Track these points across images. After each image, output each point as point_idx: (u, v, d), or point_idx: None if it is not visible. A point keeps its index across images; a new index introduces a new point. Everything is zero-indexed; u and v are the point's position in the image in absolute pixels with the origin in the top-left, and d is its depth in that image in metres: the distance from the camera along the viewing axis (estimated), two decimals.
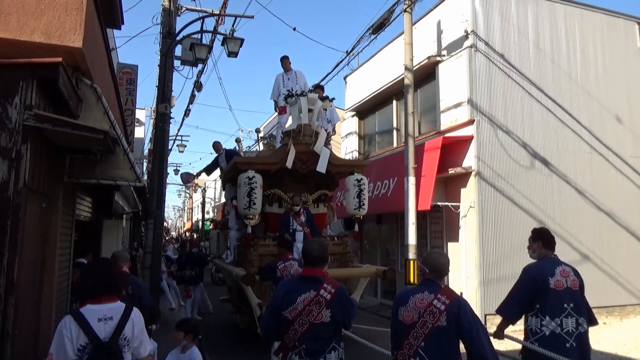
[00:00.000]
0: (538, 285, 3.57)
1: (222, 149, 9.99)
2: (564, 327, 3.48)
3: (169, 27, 9.94)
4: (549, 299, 3.54)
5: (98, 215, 8.59)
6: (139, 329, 2.61)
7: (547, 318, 3.52)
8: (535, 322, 3.59)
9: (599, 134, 10.28)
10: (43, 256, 4.59)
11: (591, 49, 10.57)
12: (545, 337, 3.51)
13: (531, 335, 3.61)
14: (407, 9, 9.14)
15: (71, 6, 3.94)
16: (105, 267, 2.86)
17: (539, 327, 3.55)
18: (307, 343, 2.84)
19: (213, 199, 39.56)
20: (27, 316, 3.99)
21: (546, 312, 3.54)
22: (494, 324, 8.77)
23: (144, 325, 2.66)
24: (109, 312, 2.53)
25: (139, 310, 2.68)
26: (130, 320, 2.56)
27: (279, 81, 8.93)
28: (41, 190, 4.30)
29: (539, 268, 3.67)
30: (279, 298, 3.00)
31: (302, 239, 7.03)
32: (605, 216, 10.04)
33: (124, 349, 2.52)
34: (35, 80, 3.73)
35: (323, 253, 3.07)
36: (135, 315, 2.62)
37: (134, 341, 2.58)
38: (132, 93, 12.68)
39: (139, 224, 18.29)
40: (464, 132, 9.35)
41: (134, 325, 2.57)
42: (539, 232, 3.86)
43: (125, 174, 5.32)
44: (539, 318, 3.56)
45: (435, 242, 10.22)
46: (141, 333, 2.62)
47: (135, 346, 2.59)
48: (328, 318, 2.86)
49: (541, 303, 3.55)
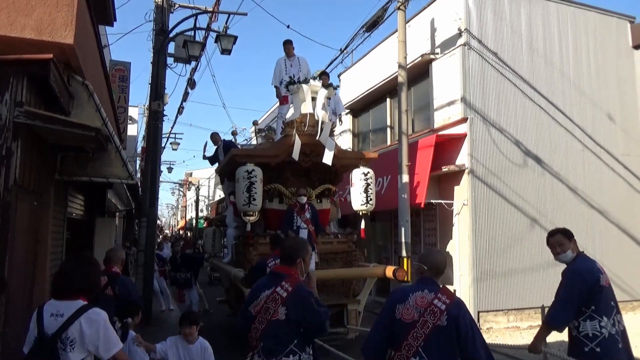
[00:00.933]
0: (590, 285, 3.29)
1: (220, 141, 9.48)
2: (615, 326, 3.28)
3: (162, 24, 9.89)
4: (603, 299, 3.30)
5: (90, 213, 8.53)
6: (92, 330, 2.50)
7: (605, 319, 3.26)
8: (592, 326, 3.27)
9: (591, 132, 10.35)
10: (34, 254, 4.55)
11: (584, 47, 10.64)
12: (605, 340, 3.23)
13: (589, 342, 3.26)
14: (401, 7, 9.14)
15: (62, 2, 3.90)
16: (76, 265, 2.75)
17: (598, 330, 3.25)
18: (265, 341, 2.80)
19: (207, 196, 39.47)
20: (18, 315, 3.96)
21: (602, 312, 3.28)
22: (487, 321, 8.87)
23: (103, 327, 2.54)
24: (63, 309, 2.52)
25: (100, 313, 2.56)
26: (79, 321, 2.48)
27: (281, 66, 8.23)
28: (32, 188, 4.26)
29: (587, 267, 3.39)
30: (249, 294, 3.04)
31: (306, 237, 6.49)
32: (597, 213, 10.12)
33: (65, 348, 2.46)
34: (25, 76, 3.70)
35: (291, 253, 3.03)
36: (89, 318, 2.51)
37: (85, 343, 2.49)
38: (125, 90, 12.60)
39: (132, 222, 18.19)
40: (457, 130, 9.39)
41: (81, 326, 2.48)
42: (568, 230, 3.65)
43: (118, 171, 5.28)
44: (596, 320, 3.27)
45: (429, 240, 10.26)
46: (96, 336, 2.50)
47: (91, 349, 2.51)
48: (283, 316, 2.80)
49: (596, 304, 3.28)
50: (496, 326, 8.88)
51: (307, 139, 7.04)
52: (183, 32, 10.17)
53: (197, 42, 10.21)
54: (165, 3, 9.99)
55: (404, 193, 8.81)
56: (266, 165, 7.04)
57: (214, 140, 9.58)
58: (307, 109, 7.07)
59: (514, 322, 9.09)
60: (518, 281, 9.17)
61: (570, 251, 3.51)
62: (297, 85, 7.20)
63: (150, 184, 9.50)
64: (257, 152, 7.51)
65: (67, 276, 2.64)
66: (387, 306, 2.90)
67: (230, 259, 8.07)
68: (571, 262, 3.48)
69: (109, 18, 7.68)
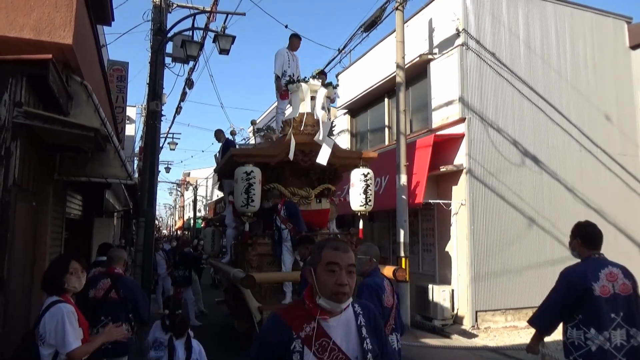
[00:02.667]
0: (579, 293, 3.06)
1: (224, 138, 9.38)
2: (612, 342, 2.97)
3: (160, 23, 9.86)
4: (593, 309, 3.03)
5: (89, 213, 8.53)
6: (51, 326, 2.59)
7: (593, 331, 3.01)
8: (577, 335, 3.07)
9: (588, 132, 10.39)
10: (33, 254, 4.56)
11: (581, 48, 10.67)
12: (591, 354, 3.00)
13: (574, 350, 3.08)
14: (399, 7, 9.15)
15: (61, 2, 3.90)
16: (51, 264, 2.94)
17: (582, 341, 3.04)
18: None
19: (205, 196, 39.43)
20: (16, 315, 3.96)
21: (591, 323, 3.03)
22: (485, 321, 8.90)
23: (61, 323, 2.60)
24: (43, 305, 2.71)
25: (60, 309, 2.64)
26: (44, 317, 2.62)
27: (285, 57, 8.01)
28: (31, 188, 4.26)
29: (580, 272, 3.15)
30: None
31: (288, 237, 6.55)
32: (594, 213, 10.14)
33: (39, 342, 2.60)
34: (24, 77, 3.70)
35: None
36: (50, 313, 2.63)
37: (49, 337, 2.59)
38: (123, 90, 12.59)
39: (130, 222, 18.16)
40: (455, 130, 9.41)
41: (45, 322, 2.61)
42: (579, 227, 3.31)
43: (116, 171, 5.28)
44: (582, 330, 3.05)
45: (427, 240, 10.28)
46: (54, 331, 2.59)
47: (52, 343, 2.59)
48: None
49: (584, 313, 3.05)
50: (494, 325, 8.91)
51: (305, 139, 6.98)
52: (181, 32, 10.14)
53: (195, 42, 10.18)
54: (163, 3, 9.96)
55: (402, 193, 8.82)
56: (265, 165, 6.97)
57: (217, 137, 9.53)
58: (306, 108, 7.03)
59: (512, 321, 9.12)
60: (516, 280, 9.19)
61: (572, 249, 3.37)
62: (296, 84, 7.14)
63: (148, 184, 9.47)
64: (256, 151, 7.39)
65: (46, 276, 2.85)
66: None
67: (229, 259, 8.03)
68: (575, 264, 3.33)
69: (107, 18, 7.67)
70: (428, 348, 7.23)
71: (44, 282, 2.81)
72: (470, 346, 7.68)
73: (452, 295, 9.19)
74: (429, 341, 7.97)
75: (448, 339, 8.30)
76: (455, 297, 9.20)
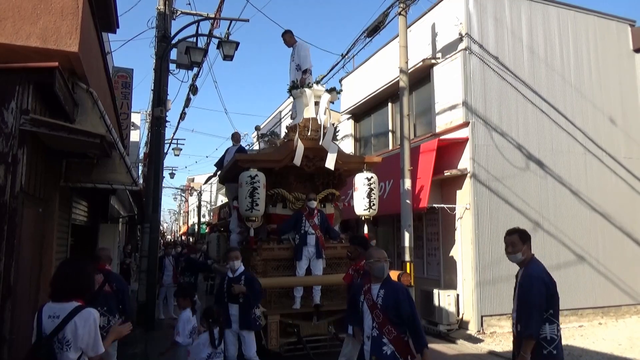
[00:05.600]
0: (552, 290, 3.36)
1: (240, 140, 9.56)
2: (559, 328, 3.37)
3: (164, 30, 9.95)
4: (556, 302, 3.37)
5: (94, 219, 8.56)
6: (84, 330, 2.60)
7: (557, 321, 3.33)
8: (550, 329, 3.30)
9: (593, 136, 10.36)
10: (40, 260, 4.58)
11: (584, 51, 10.66)
12: (559, 343, 3.31)
13: (548, 344, 3.29)
14: (402, 12, 9.18)
15: (67, 10, 3.94)
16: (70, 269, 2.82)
17: (555, 333, 3.30)
18: None
19: (209, 202, 39.49)
20: (23, 321, 3.97)
21: (556, 315, 3.34)
22: (490, 325, 8.85)
23: (93, 328, 2.63)
24: (59, 311, 2.63)
25: (92, 313, 2.66)
26: (73, 321, 2.59)
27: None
28: (38, 194, 4.29)
29: (543, 270, 3.45)
30: None
31: (314, 243, 6.61)
32: (599, 217, 10.11)
33: (62, 347, 2.58)
34: (31, 84, 3.73)
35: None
36: (82, 317, 2.61)
37: (78, 342, 2.59)
38: (128, 97, 12.65)
39: (135, 227, 18.20)
40: (459, 134, 9.40)
41: (76, 326, 2.59)
42: (525, 232, 3.64)
43: (122, 177, 5.30)
44: (555, 323, 3.32)
45: (432, 244, 10.26)
46: (87, 335, 2.61)
47: (82, 347, 2.61)
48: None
49: (553, 308, 3.33)
50: (500, 330, 8.86)
51: (310, 144, 7.04)
52: (185, 39, 10.23)
53: (199, 48, 10.26)
54: (168, 10, 10.05)
55: (406, 197, 8.81)
56: (269, 170, 7.02)
57: (235, 139, 9.67)
58: (309, 114, 7.10)
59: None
60: None
61: (520, 253, 3.54)
62: (300, 89, 7.20)
63: (153, 190, 9.52)
64: (261, 156, 7.43)
65: (62, 279, 2.73)
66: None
67: None
68: (527, 266, 3.51)
69: (112, 25, 7.72)
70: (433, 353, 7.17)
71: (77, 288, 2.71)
72: (476, 353, 7.64)
73: (457, 299, 9.16)
74: (434, 346, 7.93)
75: (453, 344, 8.26)
76: (460, 301, 9.17)
